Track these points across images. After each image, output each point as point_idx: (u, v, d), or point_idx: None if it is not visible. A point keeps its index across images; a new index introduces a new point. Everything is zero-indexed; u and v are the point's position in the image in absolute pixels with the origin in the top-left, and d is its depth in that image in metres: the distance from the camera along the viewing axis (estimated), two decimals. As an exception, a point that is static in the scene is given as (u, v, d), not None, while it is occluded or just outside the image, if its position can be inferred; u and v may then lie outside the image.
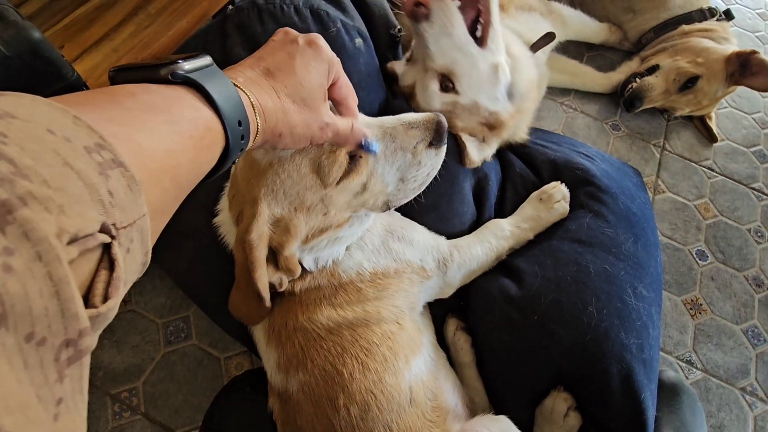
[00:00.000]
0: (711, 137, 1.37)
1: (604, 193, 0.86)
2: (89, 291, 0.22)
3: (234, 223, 0.60)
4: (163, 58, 0.36)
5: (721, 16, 1.33)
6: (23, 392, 0.17)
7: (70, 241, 0.20)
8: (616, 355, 0.68)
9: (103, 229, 0.22)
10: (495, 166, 0.92)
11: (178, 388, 0.87)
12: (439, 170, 0.78)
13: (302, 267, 0.63)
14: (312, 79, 0.44)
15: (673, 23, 1.34)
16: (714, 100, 1.29)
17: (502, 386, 0.76)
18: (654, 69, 1.29)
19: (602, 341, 0.68)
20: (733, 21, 1.38)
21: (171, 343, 0.90)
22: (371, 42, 0.83)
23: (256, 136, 0.40)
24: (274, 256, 0.58)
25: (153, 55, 0.91)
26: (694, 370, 1.00)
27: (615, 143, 1.32)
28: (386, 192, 0.61)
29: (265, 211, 0.54)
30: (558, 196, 0.85)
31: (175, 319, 0.93)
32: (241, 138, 0.37)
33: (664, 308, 1.03)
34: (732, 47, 1.26)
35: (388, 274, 0.68)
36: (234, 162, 0.39)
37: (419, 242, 0.73)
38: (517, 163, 0.94)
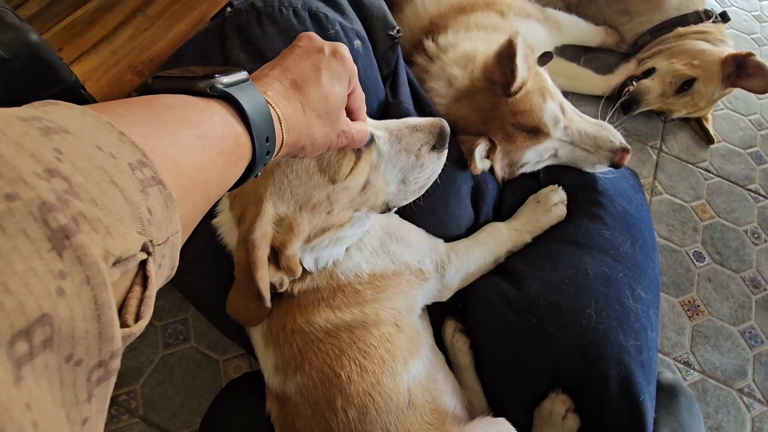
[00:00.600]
0: (708, 139, 1.38)
1: (602, 196, 0.86)
2: (122, 307, 0.23)
3: (235, 223, 0.60)
4: (202, 70, 0.36)
5: (716, 18, 1.34)
6: (57, 413, 0.18)
7: (115, 263, 0.21)
8: (615, 357, 0.68)
9: (143, 248, 0.23)
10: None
11: (176, 390, 0.86)
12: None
13: (302, 267, 0.62)
14: (336, 92, 0.45)
15: (668, 25, 1.35)
16: (710, 102, 1.30)
17: (501, 388, 0.76)
18: (650, 72, 1.30)
19: (601, 343, 0.68)
20: (729, 23, 1.38)
21: (169, 346, 0.90)
22: (369, 44, 0.83)
23: (279, 149, 0.41)
24: (275, 256, 0.58)
25: (152, 59, 0.91)
26: (692, 371, 1.00)
27: (612, 145, 1.32)
28: (387, 191, 0.62)
29: (270, 210, 0.55)
30: (555, 199, 0.85)
31: (173, 321, 0.93)
32: (267, 153, 0.38)
33: (661, 310, 1.03)
34: (728, 49, 1.26)
35: (386, 276, 0.68)
36: (256, 175, 0.40)
37: (417, 244, 0.73)
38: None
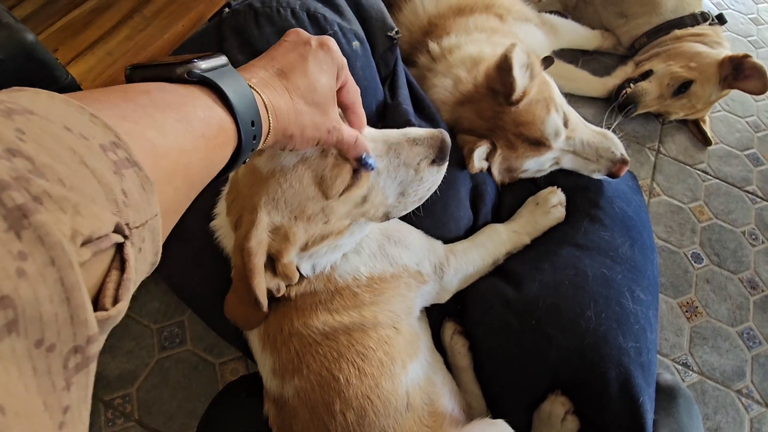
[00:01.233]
0: (705, 140, 1.38)
1: (600, 198, 0.86)
2: (99, 291, 0.22)
3: (232, 227, 0.59)
4: (179, 58, 0.35)
5: (713, 20, 1.35)
6: (31, 399, 0.17)
7: (84, 243, 0.20)
8: (615, 359, 0.68)
9: (117, 230, 0.22)
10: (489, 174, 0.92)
11: (172, 394, 0.86)
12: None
13: (299, 273, 0.62)
14: (324, 81, 0.44)
15: (665, 28, 1.35)
16: (708, 103, 1.30)
17: (500, 390, 0.76)
18: (648, 74, 1.30)
19: (600, 345, 0.68)
20: (726, 26, 1.39)
21: (165, 349, 0.89)
22: (368, 45, 0.83)
23: (267, 136, 0.40)
24: (272, 262, 0.57)
25: (149, 59, 0.90)
26: (691, 372, 1.00)
27: (610, 146, 1.33)
28: (386, 204, 0.61)
29: (265, 219, 0.54)
30: (554, 200, 0.85)
31: (169, 324, 0.92)
32: (253, 138, 0.37)
33: (660, 311, 1.03)
34: (725, 51, 1.27)
35: (384, 278, 0.68)
36: (244, 161, 0.39)
37: (416, 247, 0.73)
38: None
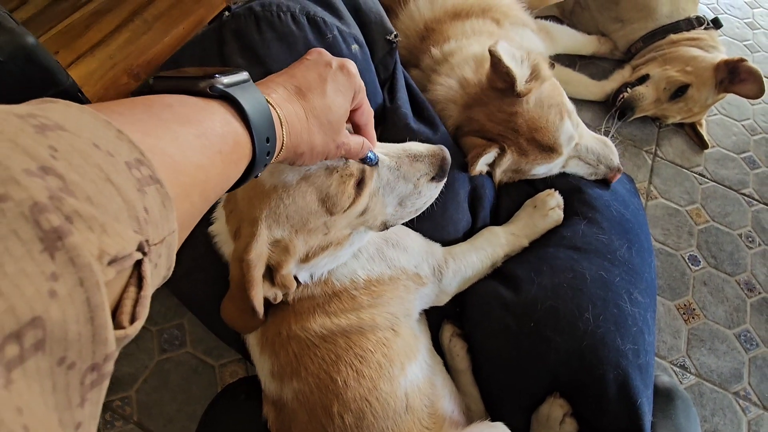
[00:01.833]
0: (702, 144, 1.39)
1: (598, 200, 0.86)
2: (116, 308, 0.22)
3: (231, 236, 0.60)
4: (203, 71, 0.36)
5: (708, 24, 1.36)
6: (48, 416, 0.17)
7: (110, 263, 0.21)
8: (613, 361, 0.68)
9: (139, 248, 0.23)
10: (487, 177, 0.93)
11: (171, 396, 0.86)
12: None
13: (298, 281, 0.63)
14: (339, 103, 0.45)
15: (661, 32, 1.37)
16: (704, 107, 1.31)
17: (498, 393, 0.76)
18: (644, 78, 1.31)
19: (599, 348, 0.68)
20: (722, 30, 1.40)
21: (165, 351, 0.89)
22: (367, 49, 0.83)
23: (280, 151, 0.41)
24: (270, 272, 0.58)
25: (149, 62, 0.90)
26: (688, 374, 1.00)
27: (608, 150, 1.33)
28: (385, 213, 0.62)
29: (265, 233, 0.54)
30: (552, 203, 0.86)
31: (169, 326, 0.92)
32: (267, 154, 0.38)
33: (657, 313, 1.04)
34: (720, 55, 1.28)
35: (382, 281, 0.68)
36: (256, 176, 0.40)
37: (414, 249, 0.73)
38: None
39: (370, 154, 0.55)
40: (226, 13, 0.78)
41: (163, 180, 0.25)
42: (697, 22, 1.35)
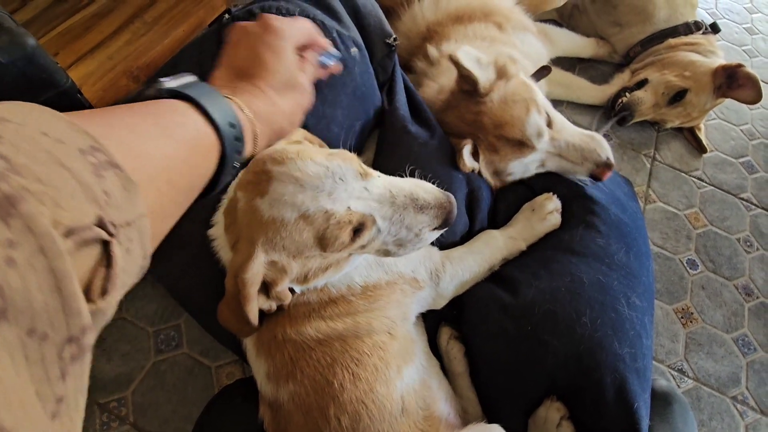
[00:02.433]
0: (700, 148, 1.39)
1: (596, 204, 0.86)
2: (87, 288, 0.22)
3: (229, 246, 0.60)
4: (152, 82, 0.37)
5: (706, 29, 1.36)
6: (22, 387, 0.17)
7: (67, 234, 0.20)
8: (610, 365, 0.68)
9: (100, 225, 0.22)
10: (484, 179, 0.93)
11: (167, 397, 0.85)
12: (432, 179, 0.78)
13: (293, 290, 0.63)
14: (283, 61, 0.44)
15: (659, 37, 1.37)
16: (703, 111, 1.31)
17: (495, 396, 0.76)
18: (643, 83, 1.31)
19: (596, 351, 0.68)
20: (721, 35, 1.41)
21: (161, 352, 0.89)
22: (366, 51, 0.83)
23: (256, 139, 0.41)
24: (266, 286, 0.58)
25: (149, 64, 0.91)
26: (686, 378, 1.00)
27: (606, 153, 1.34)
28: (383, 251, 0.62)
29: (261, 257, 0.54)
30: (550, 207, 0.86)
31: (166, 327, 0.92)
32: (236, 139, 0.38)
33: (655, 317, 1.04)
34: (719, 60, 1.28)
35: (379, 286, 0.68)
36: (235, 165, 0.39)
37: (412, 254, 0.73)
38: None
39: (322, 58, 0.54)
40: (226, 15, 0.79)
41: (121, 165, 0.25)
42: (696, 26, 1.36)
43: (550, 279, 0.76)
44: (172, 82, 0.36)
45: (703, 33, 1.35)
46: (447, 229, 0.63)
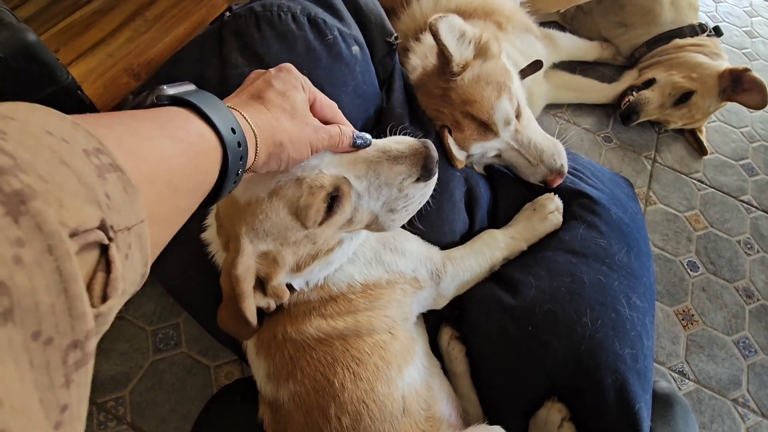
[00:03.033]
0: (702, 150, 1.39)
1: (597, 204, 0.86)
2: (88, 292, 0.21)
3: (222, 247, 0.59)
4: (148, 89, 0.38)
5: (711, 32, 1.37)
6: (27, 394, 0.17)
7: (71, 235, 0.20)
8: (611, 365, 0.67)
9: (102, 227, 0.22)
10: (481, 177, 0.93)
11: (166, 397, 0.85)
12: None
13: (293, 287, 0.63)
14: (293, 93, 0.46)
15: (665, 38, 1.37)
16: (706, 114, 1.32)
17: (496, 396, 0.75)
18: (650, 83, 1.31)
19: (597, 352, 0.68)
20: (721, 38, 1.41)
21: (160, 351, 0.89)
22: (367, 50, 0.83)
23: (257, 148, 0.41)
24: (262, 283, 0.57)
25: (149, 62, 0.90)
26: (687, 381, 1.00)
27: (607, 155, 1.34)
28: (375, 220, 0.59)
29: (248, 247, 0.54)
30: (551, 207, 0.85)
31: (164, 326, 0.91)
32: (239, 145, 0.38)
33: (656, 319, 1.03)
34: (724, 63, 1.29)
35: (380, 284, 0.68)
36: (239, 173, 0.40)
37: (412, 253, 0.73)
38: (510, 174, 0.95)
39: (357, 139, 0.53)
40: (227, 13, 0.78)
41: (124, 168, 0.25)
42: (700, 28, 1.36)
43: (550, 279, 0.75)
44: (172, 89, 0.37)
45: (708, 35, 1.36)
46: (434, 180, 0.60)
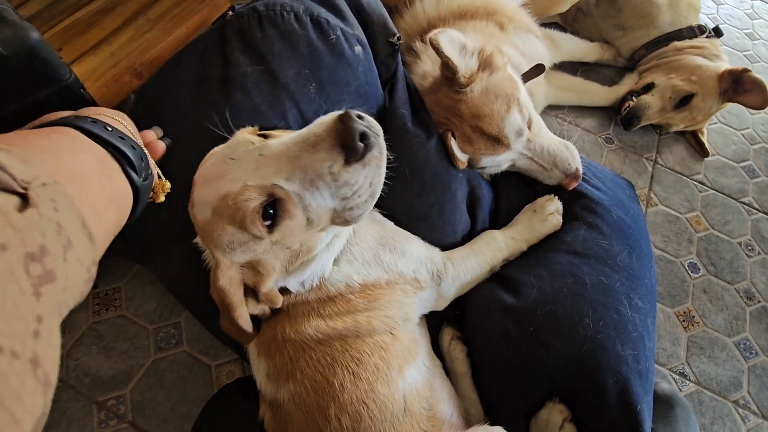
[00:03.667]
0: (702, 152, 1.39)
1: (598, 205, 0.86)
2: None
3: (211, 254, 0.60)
4: None
5: (710, 33, 1.36)
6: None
7: None
8: (613, 366, 0.67)
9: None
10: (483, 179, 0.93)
11: (166, 396, 0.85)
12: (430, 178, 0.78)
13: (289, 290, 0.63)
14: None
15: (663, 40, 1.37)
16: (707, 115, 1.32)
17: (498, 397, 0.75)
18: (650, 87, 1.31)
19: (598, 353, 0.68)
20: (722, 40, 1.41)
21: (161, 350, 0.89)
22: (370, 50, 0.83)
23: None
24: (254, 291, 0.58)
25: (152, 61, 0.91)
26: (688, 382, 1.00)
27: (608, 156, 1.34)
28: (335, 213, 0.56)
29: (225, 260, 0.54)
30: (551, 208, 0.85)
31: (165, 325, 0.91)
32: (141, 158, 0.42)
33: (657, 320, 1.03)
34: (724, 65, 1.29)
35: (379, 285, 0.67)
36: (143, 179, 0.43)
37: (412, 253, 0.73)
38: (513, 176, 0.94)
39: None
40: (230, 12, 0.78)
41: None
42: (699, 30, 1.36)
43: (552, 280, 0.75)
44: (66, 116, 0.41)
45: (707, 37, 1.36)
46: (375, 156, 0.52)
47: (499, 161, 0.85)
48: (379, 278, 0.68)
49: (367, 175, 0.53)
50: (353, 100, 0.78)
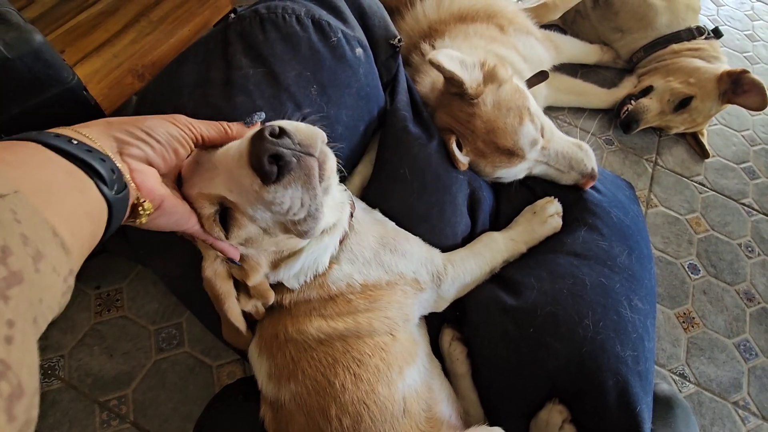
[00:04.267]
0: (703, 153, 1.40)
1: (598, 207, 0.87)
2: None
3: None
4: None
5: (709, 34, 1.37)
6: None
7: None
8: (612, 367, 0.68)
9: None
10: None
11: (168, 396, 0.85)
12: (431, 179, 0.79)
13: (287, 288, 0.64)
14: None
15: (662, 42, 1.38)
16: (707, 117, 1.32)
17: (497, 398, 0.76)
18: (648, 90, 1.32)
19: (598, 354, 0.68)
20: (722, 42, 1.41)
21: (163, 350, 0.89)
22: (371, 52, 0.84)
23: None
24: (247, 286, 0.59)
25: (154, 63, 0.91)
26: (687, 383, 1.00)
27: (608, 158, 1.34)
28: (284, 227, 0.54)
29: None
30: (551, 210, 0.86)
31: (167, 325, 0.92)
32: (113, 171, 0.40)
33: (657, 321, 1.04)
34: (723, 66, 1.29)
35: (379, 285, 0.68)
36: (118, 193, 0.41)
37: (413, 254, 0.73)
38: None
39: (248, 119, 0.58)
40: (232, 15, 0.79)
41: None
42: (698, 32, 1.36)
43: (552, 281, 0.76)
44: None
45: (706, 38, 1.36)
46: (292, 178, 0.47)
47: (516, 172, 0.85)
48: (379, 279, 0.68)
49: (293, 195, 0.48)
50: (354, 102, 0.79)
